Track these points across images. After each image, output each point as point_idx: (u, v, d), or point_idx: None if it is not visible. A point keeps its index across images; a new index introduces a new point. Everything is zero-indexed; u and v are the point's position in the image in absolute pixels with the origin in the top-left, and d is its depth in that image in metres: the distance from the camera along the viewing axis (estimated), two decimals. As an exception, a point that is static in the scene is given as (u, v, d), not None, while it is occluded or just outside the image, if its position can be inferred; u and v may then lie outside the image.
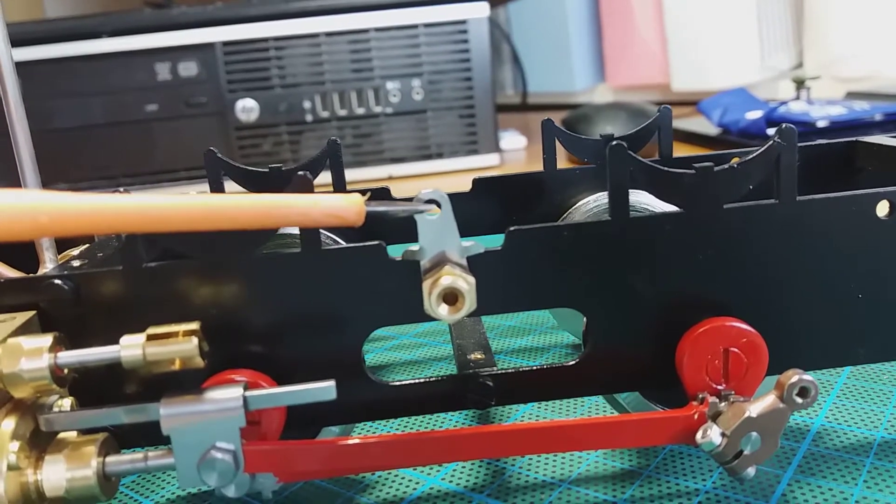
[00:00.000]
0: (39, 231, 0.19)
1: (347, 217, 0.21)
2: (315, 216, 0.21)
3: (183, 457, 0.22)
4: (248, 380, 0.23)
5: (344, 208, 0.21)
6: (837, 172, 0.34)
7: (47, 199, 0.19)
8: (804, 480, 0.26)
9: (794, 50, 1.22)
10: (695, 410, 0.24)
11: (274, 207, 0.21)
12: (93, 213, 0.19)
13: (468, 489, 0.27)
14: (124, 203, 0.20)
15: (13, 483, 0.21)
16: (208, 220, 0.20)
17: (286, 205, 0.21)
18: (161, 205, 0.20)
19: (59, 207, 0.19)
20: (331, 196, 0.21)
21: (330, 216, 0.21)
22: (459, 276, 0.22)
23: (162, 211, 0.20)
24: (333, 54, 0.93)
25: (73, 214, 0.19)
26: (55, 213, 0.19)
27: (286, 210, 0.21)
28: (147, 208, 0.20)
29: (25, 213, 0.19)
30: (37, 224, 0.19)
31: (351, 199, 0.21)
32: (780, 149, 0.24)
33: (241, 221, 0.20)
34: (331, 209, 0.21)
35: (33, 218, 0.19)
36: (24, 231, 0.19)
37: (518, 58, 1.47)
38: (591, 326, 0.26)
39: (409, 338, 0.43)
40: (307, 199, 0.21)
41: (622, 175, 0.24)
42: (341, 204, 0.21)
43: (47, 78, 0.90)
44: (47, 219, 0.19)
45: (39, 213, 0.19)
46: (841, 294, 0.26)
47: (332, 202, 0.21)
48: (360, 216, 0.21)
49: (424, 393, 0.26)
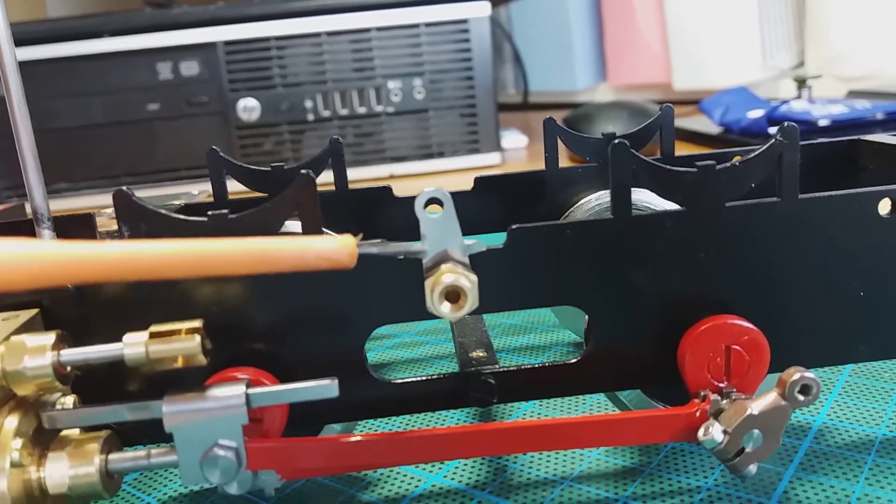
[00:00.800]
0: (37, 280, 0.19)
1: (340, 259, 0.21)
2: (308, 260, 0.20)
3: (185, 454, 0.22)
4: (250, 377, 0.23)
5: (336, 251, 0.21)
6: (839, 171, 0.34)
7: (45, 249, 0.19)
8: (806, 478, 0.26)
9: (795, 49, 1.22)
10: (697, 408, 0.24)
11: (265, 252, 0.20)
12: (90, 261, 0.19)
13: (470, 486, 0.28)
14: (114, 251, 0.19)
15: (16, 480, 0.21)
16: (199, 267, 0.20)
17: (278, 249, 0.20)
18: (152, 252, 0.20)
19: (58, 256, 0.19)
20: (323, 239, 0.21)
21: (322, 259, 0.21)
22: (462, 274, 0.22)
23: (152, 258, 0.20)
24: (335, 53, 0.93)
25: (70, 263, 0.19)
26: (53, 262, 0.19)
27: (277, 255, 0.20)
28: (137, 256, 0.20)
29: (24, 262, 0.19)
30: (30, 274, 0.19)
31: (343, 242, 0.21)
32: (782, 147, 0.24)
33: (232, 267, 0.20)
34: (323, 252, 0.20)
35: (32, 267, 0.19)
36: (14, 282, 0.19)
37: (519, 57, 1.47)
38: (593, 324, 0.26)
39: (411, 336, 0.43)
40: (299, 243, 0.21)
41: (624, 173, 0.24)
42: (334, 247, 0.21)
43: (49, 78, 0.90)
44: (44, 268, 0.19)
45: (37, 263, 0.19)
46: (842, 292, 0.26)
47: (325, 245, 0.21)
48: (353, 258, 0.21)
49: (426, 391, 0.26)
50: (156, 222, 0.23)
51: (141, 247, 0.20)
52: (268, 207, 0.23)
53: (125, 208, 0.23)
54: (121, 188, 0.23)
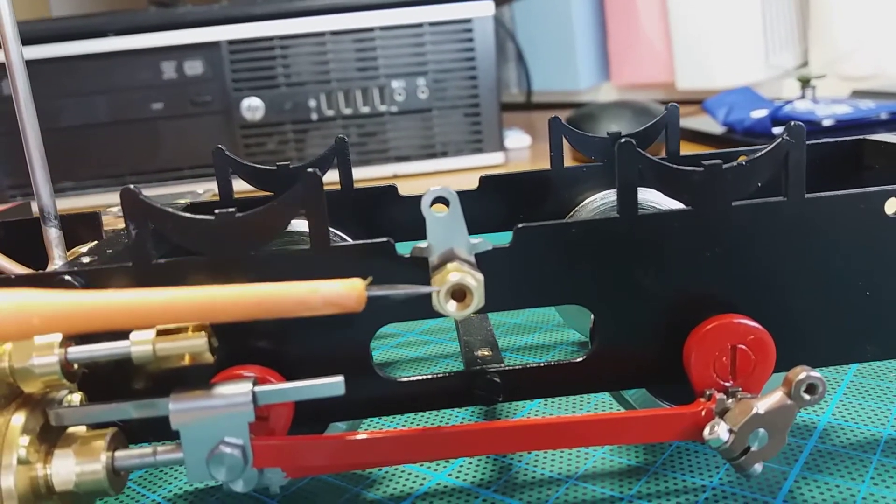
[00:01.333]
0: (31, 332, 0.19)
1: (348, 304, 0.20)
2: (315, 305, 0.20)
3: (192, 451, 0.22)
4: (256, 375, 0.23)
5: (344, 296, 0.20)
6: (844, 171, 0.34)
7: (39, 300, 0.19)
8: (811, 477, 0.26)
9: (799, 48, 1.22)
10: (702, 407, 0.24)
11: (272, 299, 0.20)
12: (86, 311, 0.19)
13: (475, 485, 0.28)
14: (120, 300, 0.19)
15: (23, 477, 0.21)
16: (206, 314, 0.20)
17: (284, 295, 0.20)
18: (158, 300, 0.20)
19: (52, 307, 0.19)
20: (330, 283, 0.20)
21: (330, 305, 0.20)
22: (468, 272, 0.22)
23: (158, 306, 0.20)
24: (339, 53, 0.93)
25: (65, 314, 0.19)
26: (47, 314, 0.19)
27: (284, 301, 0.20)
28: (144, 304, 0.20)
29: (16, 314, 0.19)
30: (29, 326, 0.19)
31: (350, 286, 0.20)
32: (788, 146, 0.24)
33: (239, 313, 0.20)
34: (331, 297, 0.20)
35: (26, 320, 0.19)
36: (15, 333, 0.19)
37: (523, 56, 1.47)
38: (599, 323, 0.26)
39: (416, 335, 0.43)
40: (306, 288, 0.20)
41: (631, 172, 0.24)
42: (341, 291, 0.20)
43: (53, 77, 0.90)
44: (39, 321, 0.19)
45: (31, 315, 0.19)
46: (848, 291, 0.26)
47: (332, 289, 0.20)
48: (361, 303, 0.21)
49: (432, 389, 0.26)
50: (163, 220, 0.23)
51: (147, 295, 0.20)
52: (275, 206, 0.23)
53: (132, 206, 0.23)
54: (128, 186, 0.23)
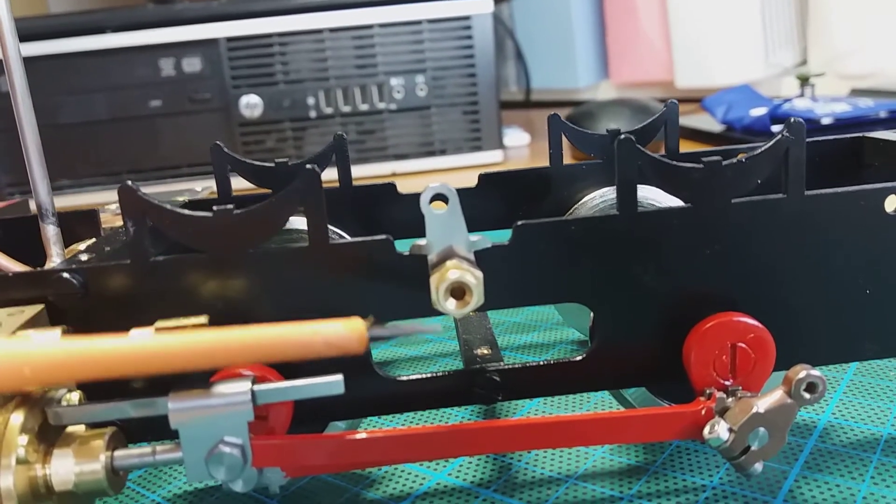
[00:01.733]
0: (23, 383, 0.19)
1: (349, 346, 0.20)
2: (317, 347, 0.20)
3: (191, 451, 0.22)
4: (255, 374, 0.23)
5: (345, 337, 0.20)
6: (844, 168, 0.34)
7: (29, 350, 0.19)
8: (811, 476, 0.26)
9: (798, 47, 1.22)
10: (702, 406, 0.24)
11: (273, 342, 0.20)
12: (81, 360, 0.19)
13: (475, 484, 0.27)
14: (116, 347, 0.19)
15: (22, 477, 0.21)
16: (206, 359, 0.20)
17: (285, 338, 0.20)
18: (156, 346, 0.19)
19: (43, 357, 0.19)
20: (331, 325, 0.20)
21: (331, 347, 0.20)
22: (467, 270, 0.22)
23: (157, 352, 0.19)
24: (337, 50, 0.93)
25: (57, 363, 0.19)
26: (39, 365, 0.19)
27: (285, 344, 0.20)
28: (142, 351, 0.19)
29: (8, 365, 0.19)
30: (21, 377, 0.19)
31: (352, 327, 0.20)
32: (788, 143, 0.24)
33: (240, 358, 0.20)
34: (332, 339, 0.20)
35: (17, 370, 0.19)
36: (7, 384, 0.19)
37: (521, 54, 1.46)
38: (599, 321, 0.26)
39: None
40: (307, 330, 0.20)
41: (630, 169, 0.24)
42: (342, 333, 0.20)
43: (51, 74, 0.90)
44: (30, 371, 0.19)
45: (23, 366, 0.19)
46: (849, 289, 0.26)
47: (333, 331, 0.20)
48: (363, 344, 0.20)
49: (431, 388, 0.26)
50: (161, 217, 0.23)
51: (145, 342, 0.20)
52: (273, 203, 0.23)
53: (130, 203, 0.23)
54: (126, 183, 0.23)
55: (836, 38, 1.12)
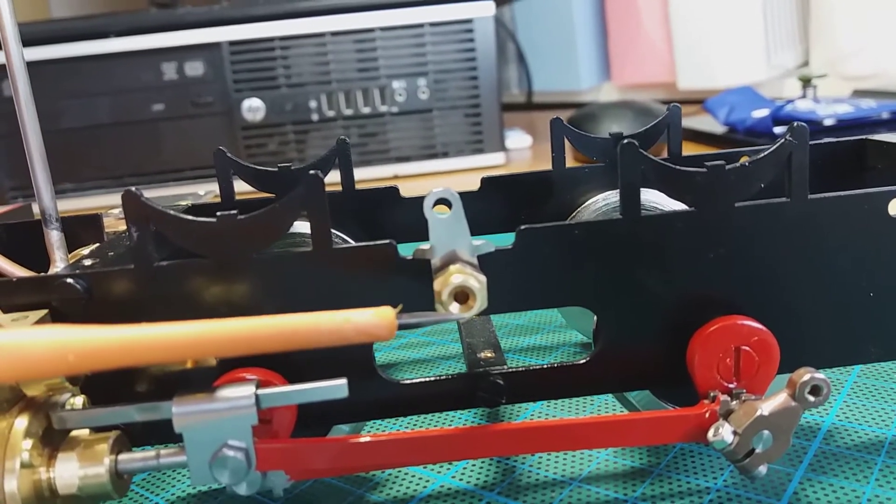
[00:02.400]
0: (66, 370, 0.19)
1: (380, 333, 0.21)
2: (347, 335, 0.21)
3: (195, 455, 0.22)
4: (259, 378, 0.23)
5: (376, 325, 0.20)
6: (846, 171, 0.34)
7: (74, 336, 0.19)
8: (815, 479, 0.26)
9: (800, 48, 1.22)
10: (706, 409, 0.24)
11: (304, 329, 0.20)
12: (121, 347, 0.19)
13: (478, 487, 0.27)
14: (152, 334, 0.20)
15: (26, 481, 0.21)
16: (239, 345, 0.20)
17: (316, 325, 0.20)
18: (189, 333, 0.20)
19: (87, 343, 0.19)
20: (363, 313, 0.21)
21: (362, 334, 0.21)
22: (470, 274, 0.22)
23: (190, 340, 0.20)
24: (339, 54, 0.93)
25: (100, 350, 0.19)
26: (83, 351, 0.19)
27: (316, 331, 0.20)
28: (175, 338, 0.20)
29: (53, 352, 0.19)
30: (65, 363, 0.19)
31: (381, 315, 0.21)
32: (791, 147, 0.24)
33: (271, 345, 0.20)
34: (363, 326, 0.20)
35: (61, 357, 0.19)
36: (52, 371, 0.19)
37: (523, 57, 1.46)
38: (602, 325, 0.26)
39: (417, 336, 0.43)
40: (340, 318, 0.21)
41: (634, 173, 0.24)
42: (372, 320, 0.20)
43: (54, 78, 0.90)
44: (74, 357, 0.19)
45: (67, 352, 0.19)
46: (852, 292, 0.26)
47: (364, 319, 0.21)
48: (392, 331, 0.21)
49: (435, 391, 0.26)
50: (164, 223, 0.23)
51: (182, 328, 0.20)
52: (276, 208, 0.23)
53: (134, 209, 0.23)
54: (129, 188, 0.23)
55: (838, 39, 1.12)
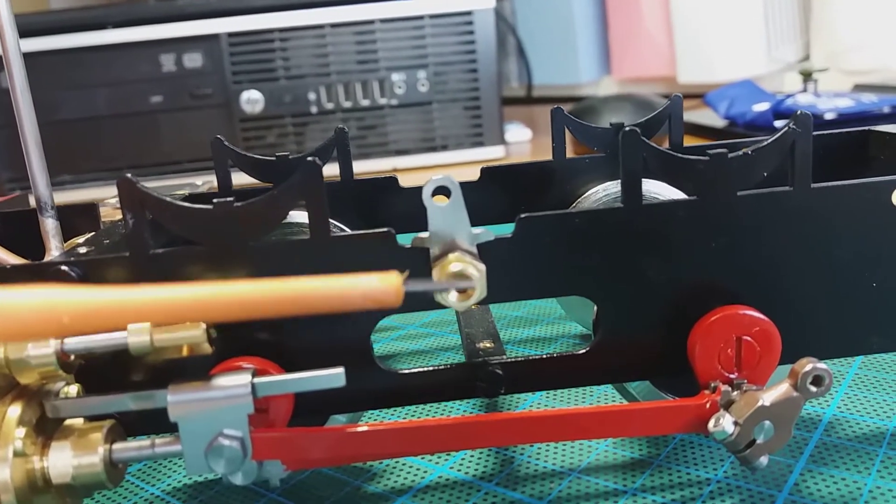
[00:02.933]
0: (61, 331, 0.19)
1: (386, 300, 0.20)
2: (354, 301, 0.20)
3: (190, 444, 0.22)
4: (256, 367, 0.23)
5: (383, 291, 0.20)
6: (849, 161, 0.34)
7: (69, 297, 0.19)
8: (817, 470, 0.26)
9: (800, 42, 1.22)
10: (707, 399, 0.24)
11: (310, 294, 0.20)
12: (118, 308, 0.19)
13: (477, 478, 0.27)
14: (154, 296, 0.19)
15: (19, 469, 0.21)
16: (242, 309, 0.20)
17: (322, 290, 0.20)
18: (193, 295, 0.20)
19: (82, 305, 0.19)
20: (368, 278, 0.20)
21: (369, 300, 0.20)
22: (470, 263, 0.22)
23: (193, 301, 0.20)
24: (338, 46, 0.93)
25: (96, 311, 0.19)
26: (77, 312, 0.19)
27: (322, 296, 0.20)
28: (179, 300, 0.19)
29: (47, 313, 0.19)
30: (59, 324, 0.19)
31: (388, 281, 0.20)
32: (794, 135, 0.24)
33: (278, 309, 0.20)
34: (370, 292, 0.20)
35: (55, 318, 0.19)
36: (45, 332, 0.19)
37: (523, 50, 1.46)
38: (602, 315, 0.25)
39: (416, 328, 0.43)
40: (347, 283, 0.20)
41: (635, 161, 0.24)
42: (379, 287, 0.20)
43: (52, 69, 0.90)
44: (69, 319, 0.19)
45: (61, 314, 0.19)
46: (855, 282, 0.25)
47: (371, 285, 0.20)
48: (399, 297, 0.20)
49: (433, 381, 0.26)
50: (160, 210, 0.23)
51: (182, 291, 0.20)
52: (274, 195, 0.23)
53: (130, 196, 0.22)
54: (125, 175, 0.22)
55: (839, 33, 1.11)
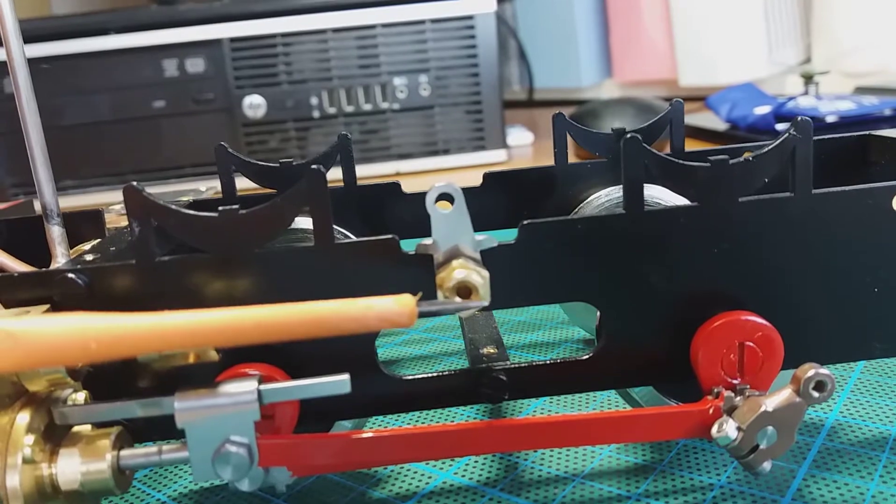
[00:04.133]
0: (89, 357, 0.19)
1: (401, 320, 0.21)
2: (370, 323, 0.21)
3: (197, 450, 0.22)
4: (262, 374, 0.23)
5: (397, 313, 0.20)
6: (850, 166, 0.34)
7: (97, 324, 0.19)
8: (819, 475, 0.26)
9: (801, 45, 1.22)
10: (710, 405, 0.24)
11: (326, 317, 0.20)
12: (144, 334, 0.20)
13: (481, 483, 0.27)
14: (177, 322, 0.20)
15: (28, 476, 0.21)
16: (262, 334, 0.20)
17: (338, 313, 0.20)
18: (210, 320, 0.20)
19: (110, 332, 0.19)
20: (383, 301, 0.21)
21: (384, 321, 0.21)
22: (473, 269, 0.22)
23: (211, 327, 0.20)
24: (340, 50, 0.93)
25: (122, 338, 0.19)
26: (105, 339, 0.19)
27: (338, 319, 0.20)
28: (195, 325, 0.20)
29: (76, 340, 0.19)
30: (87, 350, 0.19)
31: (403, 303, 0.21)
32: (795, 141, 0.24)
33: (297, 333, 0.20)
34: (384, 314, 0.20)
35: (83, 345, 0.19)
36: (73, 358, 0.19)
37: (525, 53, 1.46)
38: (605, 321, 0.25)
39: (419, 333, 0.43)
40: (362, 305, 0.21)
41: (637, 168, 0.24)
42: (394, 308, 0.20)
43: (55, 75, 0.90)
44: (97, 346, 0.19)
45: (89, 340, 0.19)
46: (856, 287, 0.26)
47: (385, 307, 0.21)
48: (413, 318, 0.21)
49: (437, 387, 0.26)
50: (166, 217, 0.23)
51: (204, 316, 0.20)
52: (278, 203, 0.23)
53: (135, 203, 0.23)
54: (131, 183, 0.23)
55: (840, 35, 1.12)
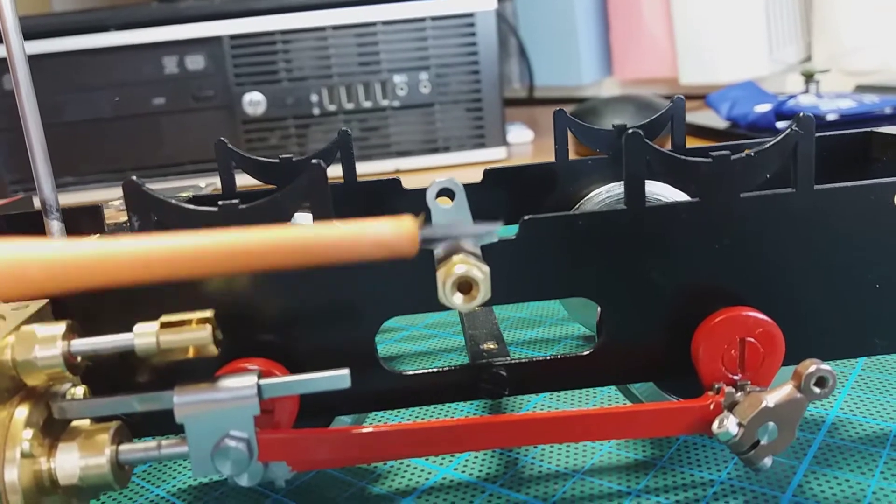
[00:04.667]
0: (31, 288, 0.17)
1: (400, 247, 0.18)
2: (363, 250, 0.18)
3: (197, 445, 0.22)
4: (261, 368, 0.23)
5: (395, 237, 0.18)
6: (852, 163, 0.34)
7: (39, 252, 0.17)
8: (820, 471, 0.26)
9: (802, 43, 1.22)
10: (711, 400, 0.24)
11: (313, 242, 0.18)
12: (95, 261, 0.17)
13: (481, 479, 0.27)
14: (137, 248, 0.17)
15: (27, 471, 0.21)
16: (243, 260, 0.18)
17: (327, 238, 0.18)
18: (186, 245, 0.18)
19: (54, 259, 0.17)
20: (379, 224, 0.18)
21: (380, 247, 0.18)
22: (474, 264, 0.22)
23: (187, 252, 0.18)
24: (340, 48, 0.93)
25: (70, 265, 0.17)
26: (48, 266, 0.17)
27: (327, 245, 0.18)
28: (166, 251, 0.18)
29: (12, 267, 0.17)
30: (28, 280, 0.17)
31: (402, 226, 0.18)
32: (797, 137, 0.24)
33: (279, 260, 0.18)
34: (380, 240, 0.18)
35: (22, 273, 0.17)
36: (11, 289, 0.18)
37: (525, 51, 1.46)
38: (606, 316, 0.25)
39: (419, 329, 0.43)
40: (352, 230, 0.18)
41: (638, 163, 0.24)
42: (391, 233, 0.18)
43: (55, 72, 0.90)
44: (39, 273, 0.17)
45: (28, 266, 0.17)
46: (858, 284, 0.25)
47: (381, 232, 0.18)
48: (414, 245, 0.18)
49: (437, 382, 0.26)
50: (166, 212, 0.23)
51: (171, 241, 0.18)
52: (278, 198, 0.23)
53: (135, 198, 0.23)
54: (131, 178, 0.23)
55: (840, 34, 1.11)
